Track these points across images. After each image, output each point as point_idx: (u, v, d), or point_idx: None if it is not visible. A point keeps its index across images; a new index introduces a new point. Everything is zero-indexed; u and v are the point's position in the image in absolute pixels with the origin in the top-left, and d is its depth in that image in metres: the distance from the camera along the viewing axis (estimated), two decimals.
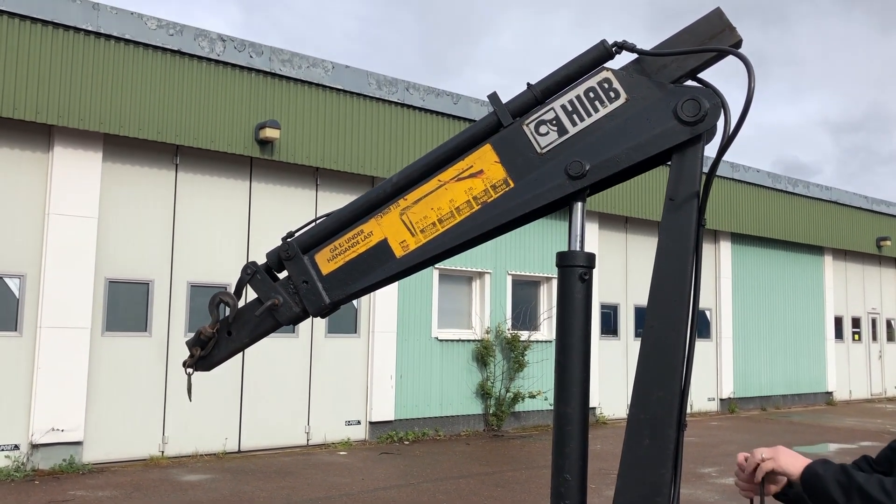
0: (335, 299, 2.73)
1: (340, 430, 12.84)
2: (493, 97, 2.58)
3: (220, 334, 2.97)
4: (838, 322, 23.09)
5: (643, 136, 2.38)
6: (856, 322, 23.89)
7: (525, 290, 15.79)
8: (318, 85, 12.48)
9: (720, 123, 2.38)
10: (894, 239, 24.19)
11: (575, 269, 2.45)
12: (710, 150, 2.55)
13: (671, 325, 2.33)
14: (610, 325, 17.20)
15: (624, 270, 17.34)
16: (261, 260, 2.98)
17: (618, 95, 2.44)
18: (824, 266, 22.57)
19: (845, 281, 23.48)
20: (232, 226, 12.01)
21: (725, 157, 2.46)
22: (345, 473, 10.42)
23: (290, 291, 2.84)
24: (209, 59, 11.40)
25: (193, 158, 11.67)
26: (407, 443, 13.15)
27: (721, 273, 19.53)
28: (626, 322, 17.45)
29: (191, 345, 2.98)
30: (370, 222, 2.67)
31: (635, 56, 2.50)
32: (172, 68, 11.07)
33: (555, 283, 15.89)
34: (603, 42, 2.50)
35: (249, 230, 12.15)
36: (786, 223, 20.66)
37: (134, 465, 10.61)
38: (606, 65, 2.50)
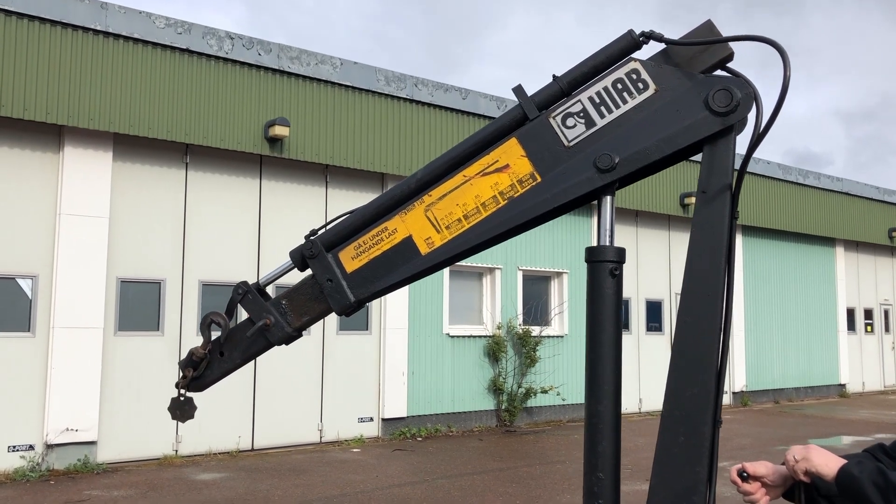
0: (360, 297, 2.69)
1: (353, 428, 12.82)
2: (518, 90, 2.54)
3: (212, 355, 2.95)
4: (850, 314, 22.96)
5: (673, 128, 2.34)
6: (868, 313, 23.74)
7: (536, 285, 15.74)
8: (326, 82, 12.45)
9: (749, 114, 2.35)
10: None
11: (605, 265, 2.41)
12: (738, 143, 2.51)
13: (705, 320, 2.29)
14: (621, 320, 17.13)
15: (634, 264, 17.26)
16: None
17: (646, 86, 2.40)
18: (836, 257, 22.44)
19: (857, 272, 23.34)
20: (242, 224, 12.00)
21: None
22: (359, 471, 10.41)
23: (282, 311, 2.82)
24: (218, 58, 11.38)
25: (203, 157, 11.65)
26: (420, 439, 13.14)
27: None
28: (638, 316, 17.39)
29: (183, 366, 2.97)
30: (394, 219, 2.64)
31: (663, 46, 2.46)
32: (181, 67, 11.04)
33: (565, 277, 15.87)
34: (630, 32, 2.46)
35: (260, 228, 12.13)
36: (797, 215, 20.54)
37: (148, 465, 10.62)
38: (634, 55, 2.46)
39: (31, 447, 9.95)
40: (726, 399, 19.00)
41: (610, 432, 2.35)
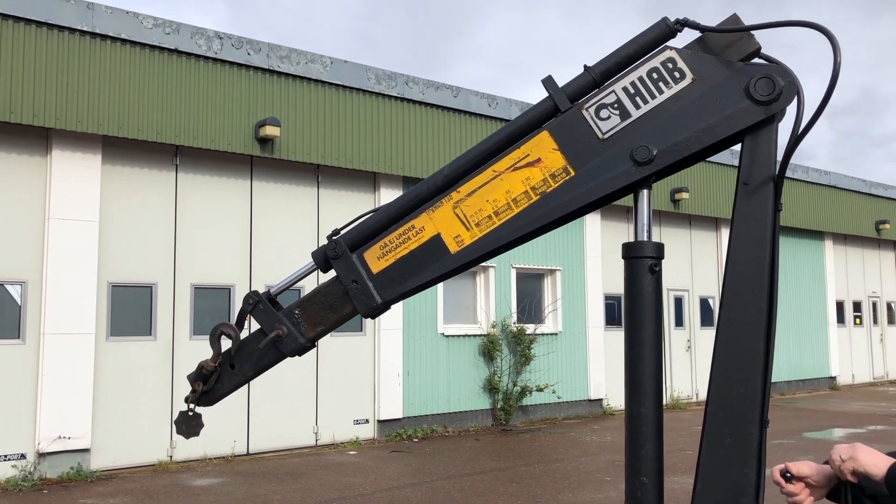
0: (387, 299, 2.60)
1: (349, 430, 12.71)
2: (549, 81, 2.45)
3: (222, 368, 2.86)
4: (840, 306, 23.07)
5: (713, 118, 2.27)
6: (857, 306, 23.87)
7: (529, 283, 15.68)
8: (317, 81, 12.32)
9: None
10: (893, 222, 24.18)
11: (644, 261, 2.33)
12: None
13: (750, 317, 2.22)
14: (614, 317, 17.12)
15: None
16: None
17: (683, 76, 2.32)
18: (825, 251, 22.53)
19: (846, 265, 23.45)
20: (234, 226, 11.86)
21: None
22: (357, 473, 10.30)
23: (295, 321, 2.73)
24: (206, 58, 11.23)
25: (193, 158, 11.50)
26: (416, 440, 13.04)
27: (723, 261, 19.38)
28: None
29: (192, 380, 2.88)
30: (421, 217, 2.54)
31: (699, 34, 2.38)
32: (170, 67, 10.89)
33: (558, 274, 15.82)
34: (664, 20, 2.38)
35: (251, 230, 11.99)
36: (786, 208, 20.55)
37: (143, 471, 10.46)
38: (669, 43, 2.38)
39: (23, 456, 9.77)
40: None
41: (653, 434, 2.27)
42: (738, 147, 2.38)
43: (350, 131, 12.61)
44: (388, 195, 13.15)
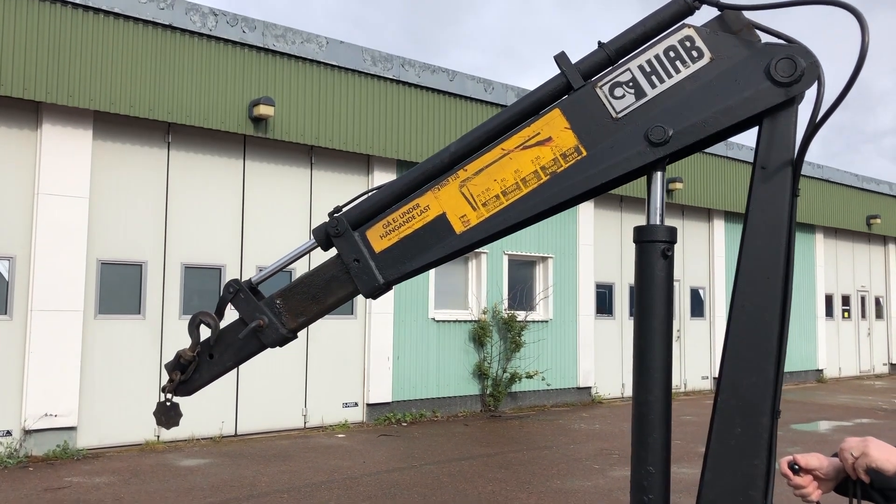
0: (389, 279, 2.52)
1: (338, 413, 12.66)
2: (562, 57, 2.38)
3: (201, 357, 2.78)
4: (829, 300, 23.15)
5: (732, 99, 2.20)
6: (845, 300, 23.96)
7: (521, 270, 15.64)
8: (312, 61, 12.18)
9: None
10: (884, 217, 24.24)
11: (656, 245, 2.26)
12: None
13: (765, 305, 2.16)
14: (605, 305, 17.10)
15: (619, 250, 17.22)
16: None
17: (701, 55, 2.25)
18: (815, 244, 22.58)
19: (836, 259, 23.52)
20: (226, 205, 11.74)
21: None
22: (345, 456, 10.26)
23: (276, 311, 2.66)
24: (201, 34, 11.07)
25: (186, 136, 11.36)
26: (405, 424, 13.01)
27: (714, 252, 19.48)
28: (621, 301, 17.36)
29: (170, 369, 2.81)
30: (426, 195, 2.47)
31: (718, 12, 2.31)
32: (164, 43, 10.73)
33: (550, 262, 15.78)
34: None
35: (243, 209, 11.88)
36: None
37: (129, 450, 10.39)
38: (687, 21, 2.31)
39: (9, 433, 9.68)
40: (707, 385, 19.07)
41: (661, 424, 2.21)
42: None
43: (344, 113, 12.49)
44: (382, 178, 13.05)
